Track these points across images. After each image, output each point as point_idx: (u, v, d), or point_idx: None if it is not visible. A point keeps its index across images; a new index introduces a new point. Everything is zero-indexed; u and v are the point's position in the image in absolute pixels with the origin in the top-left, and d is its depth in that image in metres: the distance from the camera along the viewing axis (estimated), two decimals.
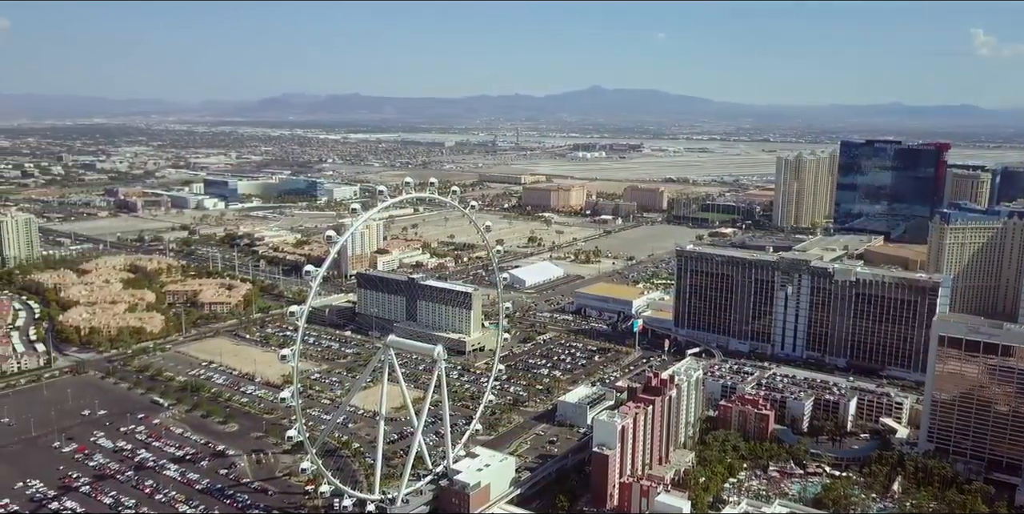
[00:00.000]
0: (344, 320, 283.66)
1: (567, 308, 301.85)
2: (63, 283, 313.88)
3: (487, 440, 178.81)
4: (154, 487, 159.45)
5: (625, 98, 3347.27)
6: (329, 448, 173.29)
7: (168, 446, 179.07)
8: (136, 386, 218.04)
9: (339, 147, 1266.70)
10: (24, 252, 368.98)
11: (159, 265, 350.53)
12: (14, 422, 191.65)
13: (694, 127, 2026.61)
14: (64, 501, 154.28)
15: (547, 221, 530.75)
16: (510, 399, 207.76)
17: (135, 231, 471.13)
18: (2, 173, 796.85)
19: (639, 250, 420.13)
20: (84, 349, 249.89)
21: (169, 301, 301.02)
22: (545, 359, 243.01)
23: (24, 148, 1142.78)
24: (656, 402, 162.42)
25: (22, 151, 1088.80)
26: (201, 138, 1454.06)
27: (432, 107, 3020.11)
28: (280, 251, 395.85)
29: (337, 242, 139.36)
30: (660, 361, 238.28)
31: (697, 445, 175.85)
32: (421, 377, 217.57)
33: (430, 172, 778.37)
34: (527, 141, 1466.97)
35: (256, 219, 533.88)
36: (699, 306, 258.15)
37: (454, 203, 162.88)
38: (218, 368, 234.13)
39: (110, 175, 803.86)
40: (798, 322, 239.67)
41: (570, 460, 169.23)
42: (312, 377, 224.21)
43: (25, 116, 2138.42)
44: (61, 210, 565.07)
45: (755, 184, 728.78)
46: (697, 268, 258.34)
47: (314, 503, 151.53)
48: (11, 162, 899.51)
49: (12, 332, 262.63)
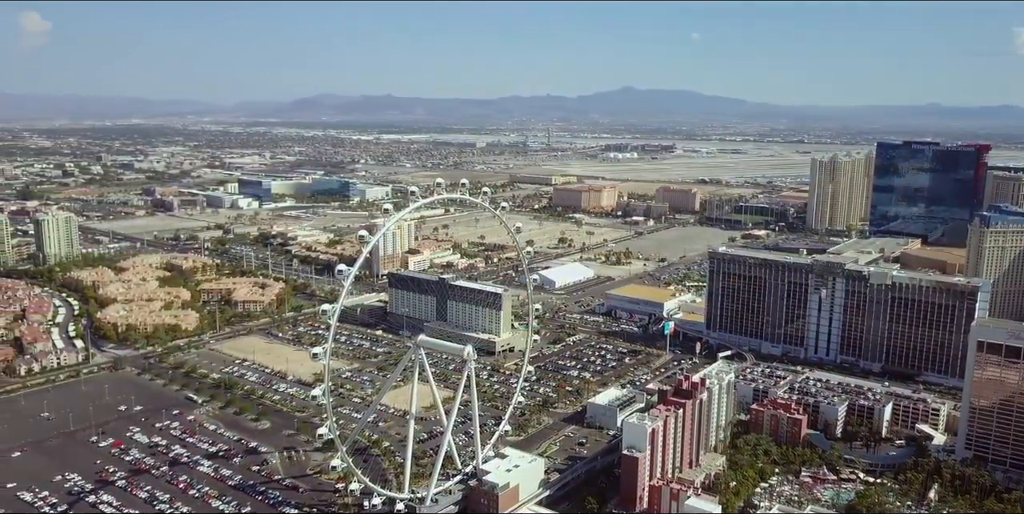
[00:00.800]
0: (375, 319, 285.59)
1: (597, 310, 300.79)
2: (101, 281, 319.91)
3: (516, 441, 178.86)
4: (188, 482, 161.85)
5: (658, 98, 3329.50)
6: (360, 446, 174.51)
7: (202, 442, 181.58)
8: (171, 383, 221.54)
9: (371, 148, 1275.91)
10: (64, 250, 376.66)
11: (194, 264, 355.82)
12: (54, 416, 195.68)
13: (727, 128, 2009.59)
14: (101, 495, 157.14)
15: (578, 222, 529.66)
16: (539, 400, 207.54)
17: (171, 230, 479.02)
18: (43, 172, 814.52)
19: (671, 252, 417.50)
20: (121, 346, 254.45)
21: (204, 299, 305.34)
22: (575, 360, 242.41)
23: (65, 148, 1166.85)
24: (687, 405, 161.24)
25: (63, 151, 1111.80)
26: (236, 138, 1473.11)
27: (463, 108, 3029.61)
28: (313, 251, 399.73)
29: (369, 242, 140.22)
30: (691, 364, 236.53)
31: (728, 449, 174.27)
32: (451, 377, 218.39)
33: (461, 173, 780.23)
34: (558, 142, 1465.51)
35: (289, 219, 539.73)
36: (731, 309, 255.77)
37: (485, 204, 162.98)
38: (251, 366, 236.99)
39: (147, 175, 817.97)
40: (832, 326, 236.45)
41: (599, 462, 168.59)
42: (343, 375, 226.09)
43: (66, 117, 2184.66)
44: (100, 209, 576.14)
45: (789, 186, 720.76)
46: (730, 270, 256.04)
47: (344, 501, 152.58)
48: (52, 162, 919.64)
49: (52, 328, 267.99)
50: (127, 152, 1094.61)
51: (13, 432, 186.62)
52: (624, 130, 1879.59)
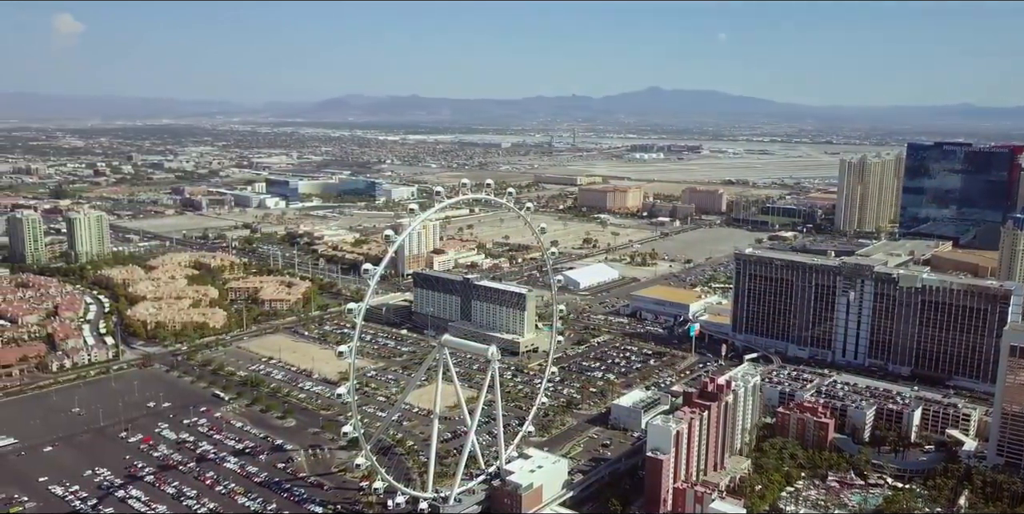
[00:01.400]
0: (400, 318, 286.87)
1: (622, 311, 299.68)
2: (131, 279, 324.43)
3: (540, 442, 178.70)
4: (215, 478, 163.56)
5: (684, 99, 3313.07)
6: (384, 445, 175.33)
7: (228, 439, 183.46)
8: (199, 380, 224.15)
9: (397, 148, 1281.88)
10: (95, 248, 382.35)
11: (222, 262, 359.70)
12: (84, 412, 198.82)
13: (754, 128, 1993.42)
14: (130, 489, 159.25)
15: (603, 222, 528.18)
16: (563, 401, 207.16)
17: (200, 229, 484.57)
18: (76, 172, 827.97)
19: (697, 253, 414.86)
20: (150, 343, 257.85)
21: (231, 298, 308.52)
22: (599, 362, 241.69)
23: (96, 148, 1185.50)
24: (712, 407, 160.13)
25: (95, 150, 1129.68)
26: (264, 138, 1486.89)
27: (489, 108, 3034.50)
28: (339, 250, 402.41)
29: (395, 242, 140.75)
30: (717, 366, 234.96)
31: (753, 452, 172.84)
32: (475, 377, 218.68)
33: (486, 173, 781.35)
34: (584, 142, 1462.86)
35: (316, 218, 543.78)
36: (758, 311, 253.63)
37: (510, 204, 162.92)
38: (277, 364, 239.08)
39: (177, 174, 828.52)
40: (860, 329, 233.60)
41: (623, 464, 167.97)
42: (368, 374, 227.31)
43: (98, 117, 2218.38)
44: (130, 208, 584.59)
45: (817, 187, 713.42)
46: (756, 272, 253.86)
47: (368, 499, 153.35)
48: (84, 161, 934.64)
49: (83, 325, 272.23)
50: (157, 152, 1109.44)
51: (45, 427, 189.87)
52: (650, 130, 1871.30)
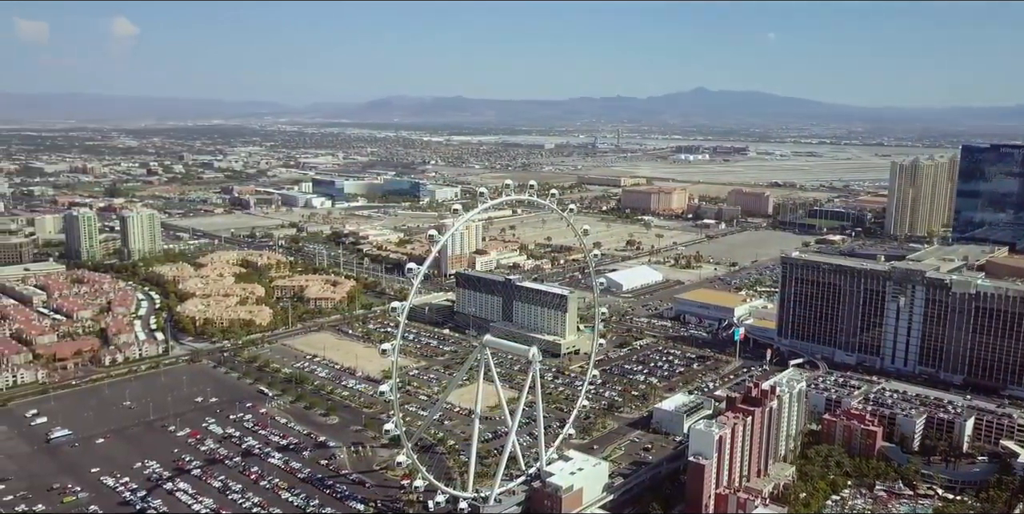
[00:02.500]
0: (443, 318, 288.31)
1: (665, 314, 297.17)
2: (181, 276, 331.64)
3: (581, 444, 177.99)
4: (259, 473, 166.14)
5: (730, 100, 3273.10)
6: (425, 444, 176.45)
7: (273, 435, 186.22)
8: (245, 376, 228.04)
9: (441, 149, 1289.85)
10: (147, 246, 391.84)
11: (269, 260, 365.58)
12: (135, 405, 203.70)
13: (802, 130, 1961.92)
14: (177, 482, 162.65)
15: (647, 224, 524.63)
16: (605, 404, 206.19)
17: (247, 227, 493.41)
18: (129, 171, 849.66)
19: (742, 256, 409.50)
20: (198, 339, 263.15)
21: (277, 295, 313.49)
22: (641, 365, 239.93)
23: (150, 147, 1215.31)
24: (756, 413, 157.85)
25: (148, 150, 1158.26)
26: (311, 139, 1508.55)
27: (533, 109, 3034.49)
28: (383, 249, 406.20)
29: (438, 241, 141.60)
30: (761, 371, 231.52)
31: (798, 459, 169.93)
32: (516, 377, 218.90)
33: (529, 174, 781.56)
34: (628, 143, 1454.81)
35: (361, 218, 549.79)
36: (804, 315, 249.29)
37: (552, 206, 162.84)
38: (321, 361, 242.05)
39: (226, 174, 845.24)
40: (911, 335, 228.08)
41: (665, 468, 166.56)
42: (410, 373, 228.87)
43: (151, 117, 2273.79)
44: (181, 206, 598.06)
45: (867, 190, 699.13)
46: (803, 276, 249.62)
47: (409, 498, 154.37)
48: (138, 160, 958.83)
49: (135, 321, 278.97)
50: (207, 152, 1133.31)
51: (98, 419, 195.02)
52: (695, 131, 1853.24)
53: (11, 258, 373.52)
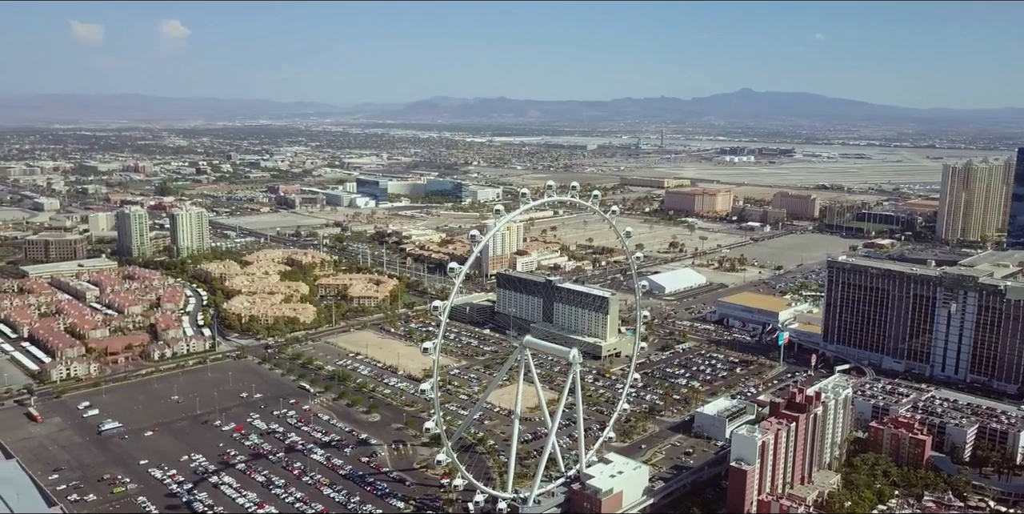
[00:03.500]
0: (483, 318, 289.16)
1: (708, 317, 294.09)
2: (228, 273, 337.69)
3: (621, 447, 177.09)
4: (302, 469, 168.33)
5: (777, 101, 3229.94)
6: (465, 443, 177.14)
7: (316, 431, 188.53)
8: (289, 373, 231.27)
9: (484, 150, 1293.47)
10: (196, 243, 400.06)
11: (313, 259, 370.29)
12: (182, 400, 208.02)
13: (851, 132, 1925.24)
14: (222, 476, 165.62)
15: (690, 226, 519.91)
16: (646, 407, 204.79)
17: (293, 226, 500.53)
18: (179, 170, 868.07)
19: (787, 259, 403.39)
20: (244, 335, 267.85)
21: (321, 294, 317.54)
22: (683, 368, 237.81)
23: (199, 147, 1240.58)
24: (800, 419, 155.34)
25: (197, 150, 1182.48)
26: (355, 139, 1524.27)
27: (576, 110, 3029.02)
28: (425, 249, 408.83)
29: (480, 242, 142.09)
30: (806, 377, 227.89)
31: (843, 467, 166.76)
32: (556, 379, 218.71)
33: (571, 175, 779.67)
34: (671, 144, 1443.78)
35: (404, 218, 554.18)
36: (850, 321, 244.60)
37: (594, 207, 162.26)
38: (364, 359, 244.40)
39: (272, 173, 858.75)
40: (962, 342, 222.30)
41: (706, 473, 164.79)
42: (451, 372, 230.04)
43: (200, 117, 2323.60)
44: (228, 205, 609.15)
45: (917, 193, 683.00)
46: (850, 281, 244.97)
47: (448, 496, 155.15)
48: (187, 160, 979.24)
49: (183, 317, 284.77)
50: (254, 151, 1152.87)
51: (147, 413, 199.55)
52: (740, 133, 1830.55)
53: (66, 254, 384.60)
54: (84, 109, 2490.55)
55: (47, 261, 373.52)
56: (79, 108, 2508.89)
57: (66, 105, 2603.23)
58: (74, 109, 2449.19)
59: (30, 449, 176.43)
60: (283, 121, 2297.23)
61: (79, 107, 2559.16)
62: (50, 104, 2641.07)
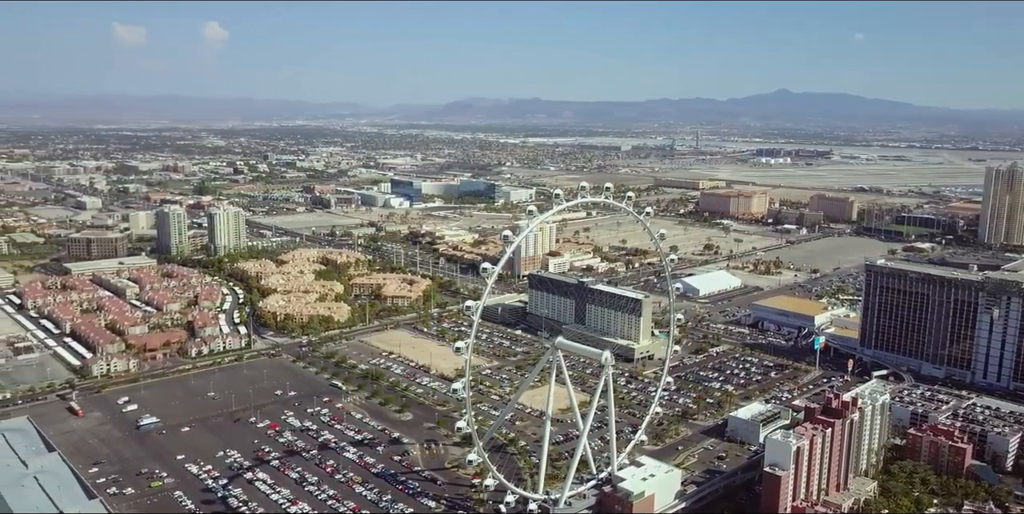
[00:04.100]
0: (515, 319, 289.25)
1: (743, 320, 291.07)
2: (264, 272, 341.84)
3: (653, 450, 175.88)
4: (334, 467, 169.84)
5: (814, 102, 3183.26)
6: (496, 444, 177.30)
7: (348, 429, 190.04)
8: (322, 371, 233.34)
9: (517, 151, 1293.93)
10: (232, 242, 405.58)
11: (348, 259, 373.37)
12: (218, 396, 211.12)
13: (890, 133, 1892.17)
14: (257, 472, 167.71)
15: (725, 228, 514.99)
16: (678, 411, 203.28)
17: (328, 226, 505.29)
18: (217, 170, 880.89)
19: (824, 263, 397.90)
20: (279, 334, 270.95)
21: (355, 293, 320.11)
22: (717, 372, 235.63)
23: (236, 147, 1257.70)
24: (836, 425, 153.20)
25: (234, 150, 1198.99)
26: (390, 140, 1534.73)
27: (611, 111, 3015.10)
28: (458, 250, 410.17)
29: (513, 242, 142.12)
30: (842, 382, 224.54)
31: (880, 474, 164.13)
32: (588, 381, 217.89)
33: (605, 176, 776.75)
34: (707, 145, 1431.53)
35: (437, 218, 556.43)
36: (889, 326, 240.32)
37: (628, 209, 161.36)
38: (396, 359, 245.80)
39: (308, 173, 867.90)
40: (1005, 349, 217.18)
41: (739, 478, 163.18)
42: (483, 372, 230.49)
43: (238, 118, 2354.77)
44: (265, 204, 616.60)
45: (959, 196, 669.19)
46: (888, 285, 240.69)
47: (479, 496, 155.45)
48: (225, 160, 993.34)
49: (220, 314, 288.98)
50: (290, 151, 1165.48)
51: (184, 409, 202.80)
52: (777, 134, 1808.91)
53: (107, 252, 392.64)
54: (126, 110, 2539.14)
55: (89, 259, 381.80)
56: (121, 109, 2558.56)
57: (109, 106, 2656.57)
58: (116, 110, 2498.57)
59: (71, 442, 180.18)
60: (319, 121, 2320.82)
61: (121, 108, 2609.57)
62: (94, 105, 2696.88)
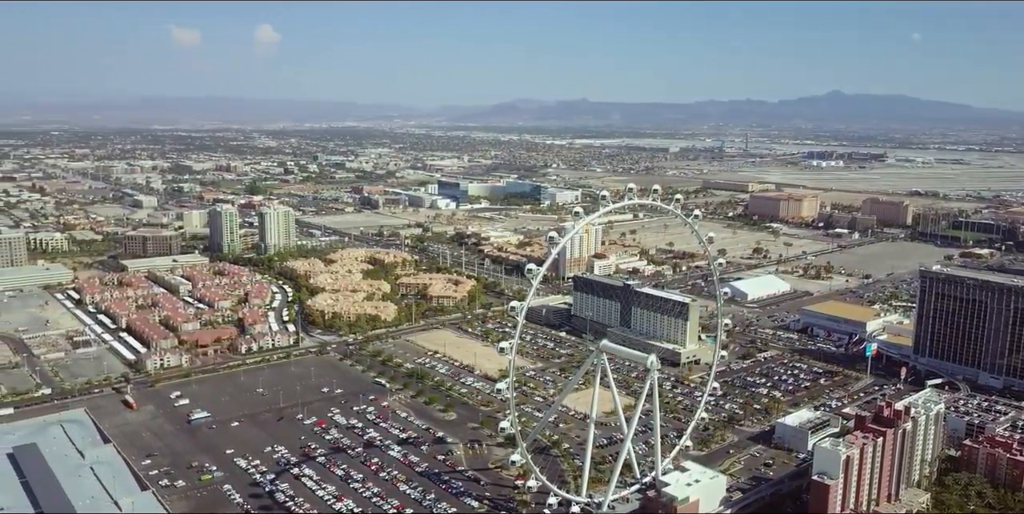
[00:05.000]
0: (560, 321, 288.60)
1: (792, 326, 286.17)
2: (312, 271, 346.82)
3: (698, 456, 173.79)
4: (379, 465, 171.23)
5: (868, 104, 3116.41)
6: (539, 446, 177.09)
7: (393, 428, 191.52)
8: (368, 369, 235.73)
9: (564, 152, 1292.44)
10: (282, 241, 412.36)
11: (394, 259, 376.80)
12: (267, 393, 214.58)
13: (948, 136, 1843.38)
14: (303, 468, 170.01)
15: (775, 232, 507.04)
16: (724, 416, 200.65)
17: (375, 226, 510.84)
18: (268, 170, 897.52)
19: (876, 268, 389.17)
20: (327, 332, 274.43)
21: (402, 292, 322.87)
22: (765, 378, 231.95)
23: (287, 148, 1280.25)
24: (887, 434, 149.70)
25: (285, 150, 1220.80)
26: (437, 141, 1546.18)
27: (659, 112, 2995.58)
28: (503, 251, 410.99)
29: (559, 243, 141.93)
30: (894, 390, 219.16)
31: (933, 486, 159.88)
32: (632, 384, 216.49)
33: (653, 178, 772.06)
34: (756, 148, 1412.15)
35: (483, 220, 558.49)
36: (944, 333, 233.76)
37: (676, 211, 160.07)
38: (441, 358, 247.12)
39: (356, 174, 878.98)
40: None
41: (786, 485, 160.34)
42: (527, 374, 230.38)
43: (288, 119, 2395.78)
44: (314, 204, 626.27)
45: (1020, 201, 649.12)
46: (944, 291, 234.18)
47: (522, 498, 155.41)
48: (276, 160, 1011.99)
49: (269, 312, 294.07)
50: (340, 152, 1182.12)
51: (233, 404, 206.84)
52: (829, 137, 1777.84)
53: (162, 250, 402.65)
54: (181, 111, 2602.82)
55: (144, 256, 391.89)
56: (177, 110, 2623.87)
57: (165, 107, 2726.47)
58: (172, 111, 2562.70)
59: (125, 435, 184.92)
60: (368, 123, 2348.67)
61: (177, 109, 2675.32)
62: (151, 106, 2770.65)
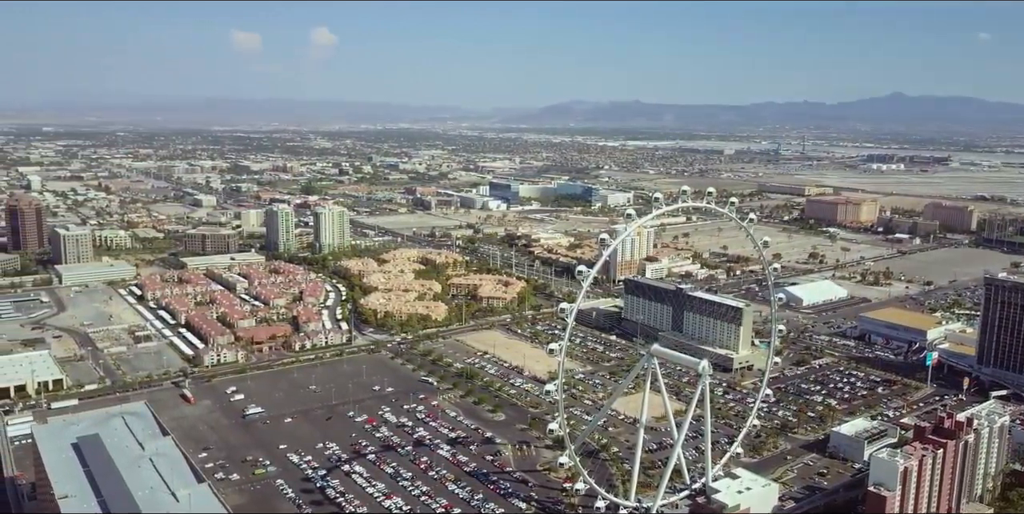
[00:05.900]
0: (610, 324, 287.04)
1: (849, 332, 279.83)
2: (365, 270, 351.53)
3: (750, 463, 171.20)
4: (428, 463, 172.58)
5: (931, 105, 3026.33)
6: (588, 449, 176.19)
7: (443, 427, 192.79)
8: (419, 369, 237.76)
9: (616, 154, 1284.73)
10: (336, 241, 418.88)
11: (446, 259, 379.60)
12: (319, 390, 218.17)
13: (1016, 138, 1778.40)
14: (354, 465, 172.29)
15: (832, 237, 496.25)
16: (777, 423, 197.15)
17: (427, 227, 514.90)
18: (323, 171, 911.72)
19: (938, 275, 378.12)
20: (379, 331, 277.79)
21: (452, 293, 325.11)
22: (820, 385, 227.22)
23: (342, 149, 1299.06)
24: (948, 446, 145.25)
25: (340, 151, 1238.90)
26: (489, 143, 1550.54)
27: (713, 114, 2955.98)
28: (553, 253, 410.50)
29: (610, 245, 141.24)
30: (956, 401, 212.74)
31: (997, 501, 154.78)
32: (683, 389, 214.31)
33: (706, 180, 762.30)
34: (814, 150, 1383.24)
35: (534, 221, 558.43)
36: (1010, 343, 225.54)
37: (731, 214, 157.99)
38: (491, 359, 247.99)
39: (410, 175, 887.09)
40: None
41: (841, 496, 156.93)
42: (576, 377, 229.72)
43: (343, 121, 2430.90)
44: (368, 205, 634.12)
45: None
46: (1011, 300, 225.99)
47: (570, 501, 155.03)
48: (331, 161, 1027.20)
49: (323, 310, 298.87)
50: (394, 154, 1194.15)
51: (287, 400, 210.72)
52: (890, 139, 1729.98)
53: (220, 248, 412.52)
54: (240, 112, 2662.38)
55: (203, 254, 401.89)
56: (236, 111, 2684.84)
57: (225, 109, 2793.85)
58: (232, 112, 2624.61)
59: (183, 428, 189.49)
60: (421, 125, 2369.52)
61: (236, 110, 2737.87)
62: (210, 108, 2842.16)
